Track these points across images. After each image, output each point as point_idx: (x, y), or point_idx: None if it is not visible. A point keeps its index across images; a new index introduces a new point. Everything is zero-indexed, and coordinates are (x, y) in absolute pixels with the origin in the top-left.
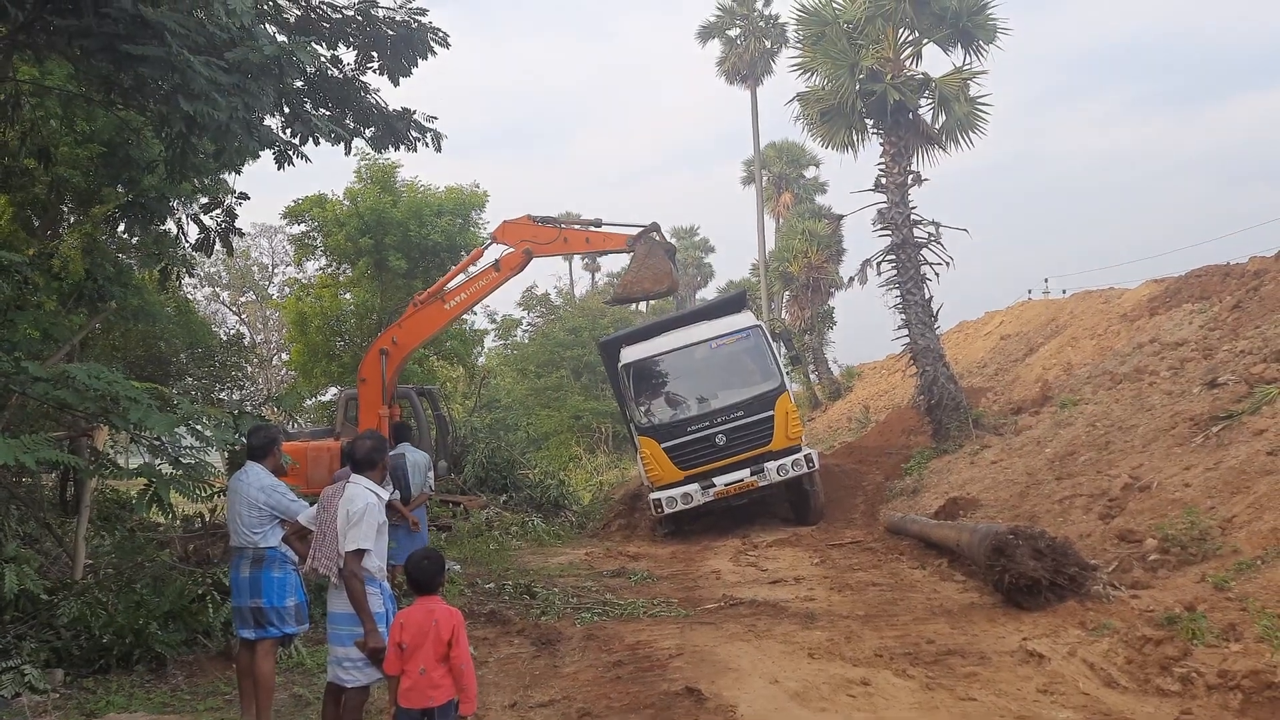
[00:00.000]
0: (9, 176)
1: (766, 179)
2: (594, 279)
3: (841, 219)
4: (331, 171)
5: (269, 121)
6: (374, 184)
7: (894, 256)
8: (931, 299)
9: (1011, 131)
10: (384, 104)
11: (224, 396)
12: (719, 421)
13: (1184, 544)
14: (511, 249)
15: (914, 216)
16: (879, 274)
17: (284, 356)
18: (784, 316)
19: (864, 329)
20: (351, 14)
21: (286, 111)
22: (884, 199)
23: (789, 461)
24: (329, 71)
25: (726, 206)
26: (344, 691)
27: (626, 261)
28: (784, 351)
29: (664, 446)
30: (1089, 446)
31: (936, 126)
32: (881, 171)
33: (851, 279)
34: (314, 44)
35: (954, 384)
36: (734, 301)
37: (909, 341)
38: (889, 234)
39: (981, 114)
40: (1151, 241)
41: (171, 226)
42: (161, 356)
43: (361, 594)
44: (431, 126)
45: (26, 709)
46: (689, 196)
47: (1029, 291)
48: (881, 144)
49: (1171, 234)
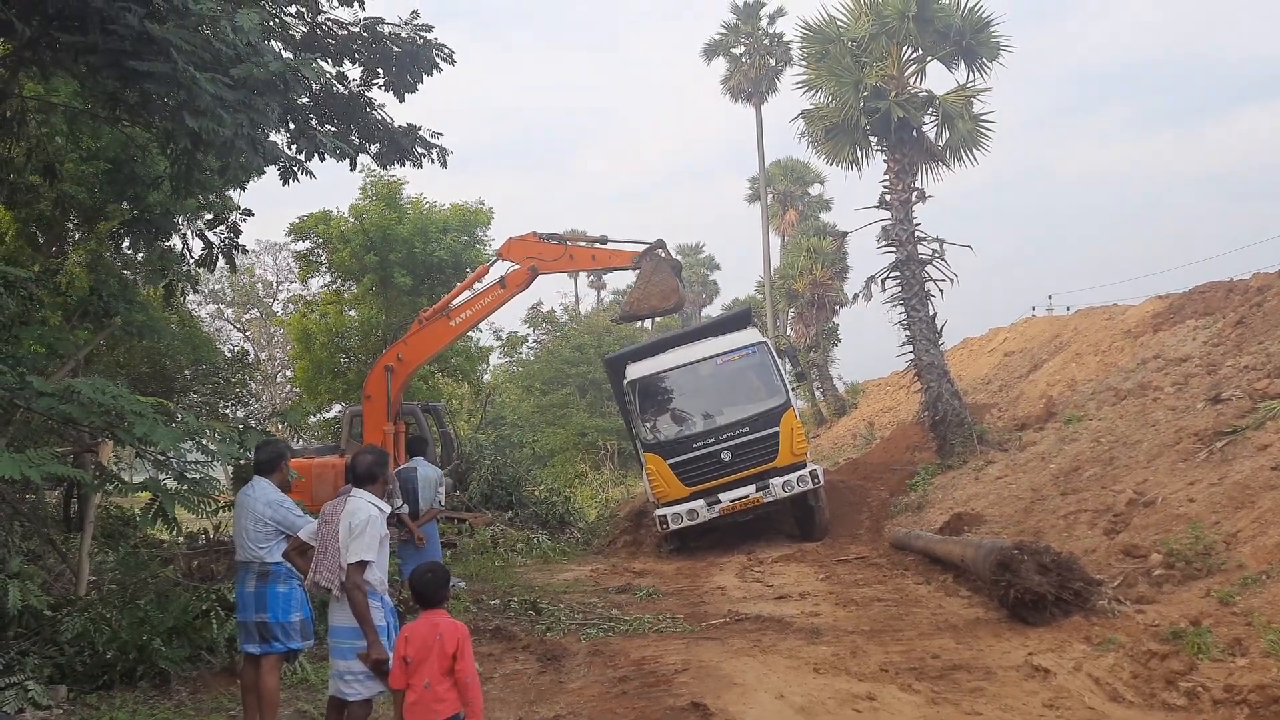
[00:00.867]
0: (14, 193)
1: (771, 196)
2: (599, 296)
3: (846, 236)
4: (337, 188)
5: (275, 137)
6: (379, 200)
7: (898, 273)
8: (936, 315)
9: (1015, 149)
10: (390, 120)
11: (228, 413)
12: (724, 438)
13: (1189, 559)
14: (517, 266)
15: (918, 233)
16: (884, 290)
17: (288, 373)
18: (789, 333)
19: (869, 346)
20: (357, 31)
21: (292, 128)
22: (888, 216)
23: (794, 478)
24: (334, 88)
25: (732, 224)
26: (346, 705)
27: (632, 279)
28: (789, 368)
29: (670, 463)
30: (1093, 462)
31: (940, 143)
32: (886, 188)
33: (856, 296)
34: (320, 60)
35: (958, 400)
36: (739, 318)
37: (913, 358)
38: (893, 251)
39: (985, 131)
40: (1154, 258)
41: (176, 242)
42: (166, 373)
43: (364, 605)
44: (437, 142)
45: None
46: (694, 214)
47: (1033, 308)
48: (886, 161)
49: (1174, 251)
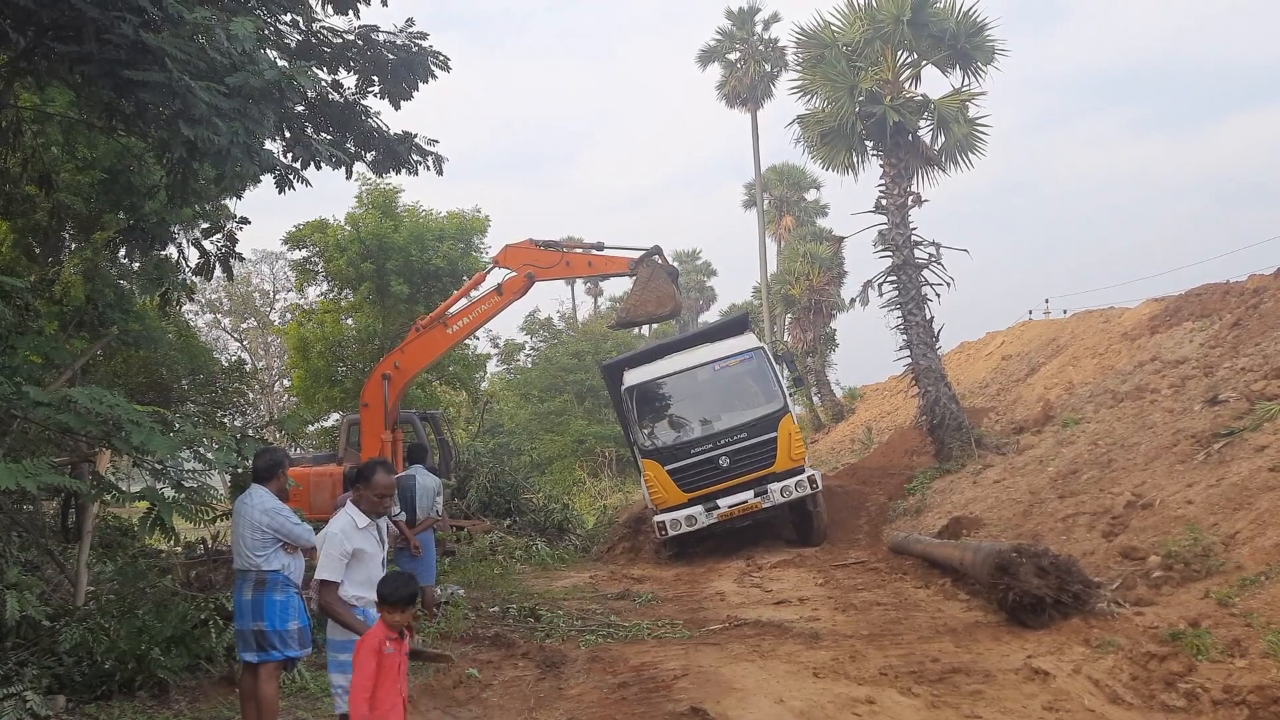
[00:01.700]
0: (10, 203)
1: (768, 202)
2: (596, 303)
3: (843, 241)
4: (333, 196)
5: (270, 146)
6: (375, 209)
7: (895, 278)
8: (933, 319)
9: (1012, 153)
10: (385, 128)
11: (226, 421)
12: (722, 444)
13: (1187, 560)
14: (514, 273)
15: (914, 237)
16: (880, 295)
17: (286, 382)
18: (786, 339)
19: (866, 350)
20: (352, 38)
21: (288, 136)
22: (884, 220)
23: (792, 483)
24: (330, 96)
25: (728, 229)
26: None
27: (629, 285)
28: (787, 373)
29: (668, 469)
30: (1091, 465)
31: (936, 148)
32: (882, 193)
33: (853, 300)
34: (315, 68)
35: (956, 404)
36: (736, 324)
37: (910, 362)
38: (890, 255)
39: (981, 135)
40: (1149, 261)
41: (172, 251)
42: (163, 382)
43: (343, 615)
44: (433, 150)
45: None
46: (691, 220)
47: (1030, 312)
48: (881, 165)
49: (1169, 254)
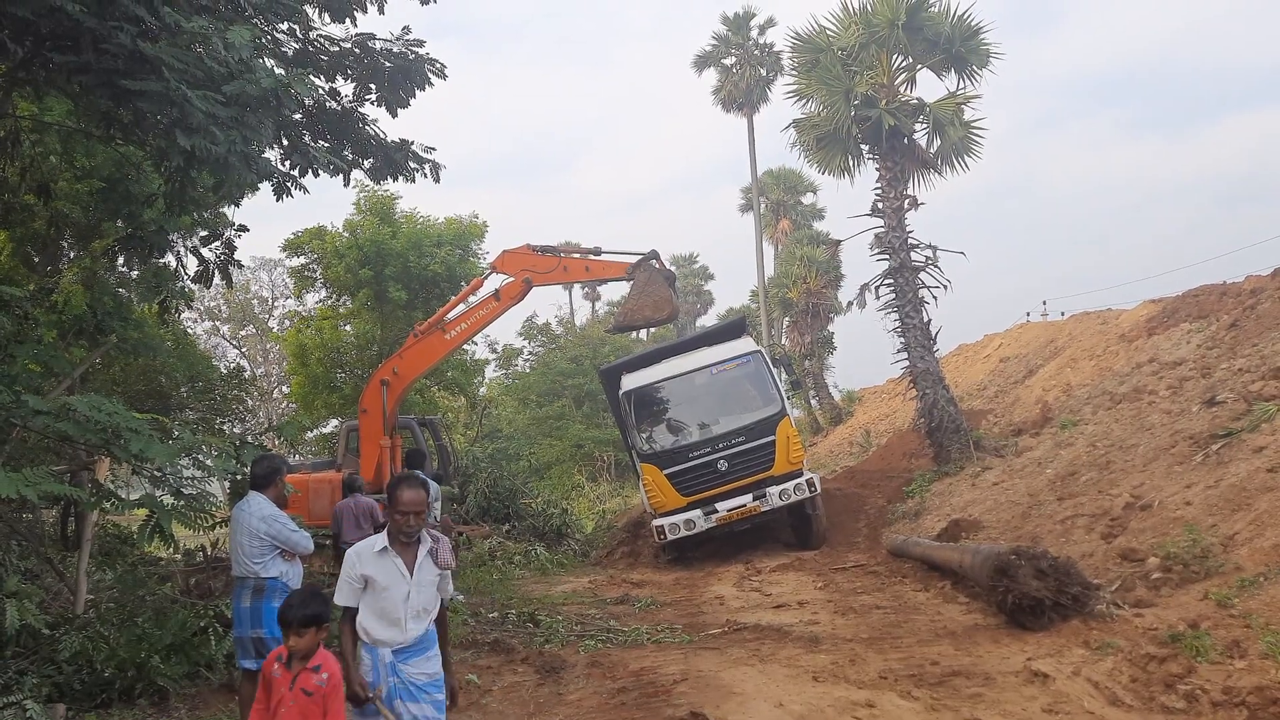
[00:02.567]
0: (9, 212)
1: (764, 206)
2: (594, 308)
3: (839, 244)
4: (332, 204)
5: (268, 154)
6: (373, 215)
7: (892, 280)
8: (930, 322)
9: (1007, 155)
10: (383, 135)
11: (225, 428)
12: (720, 447)
13: (1186, 562)
14: (511, 278)
15: (911, 240)
16: (877, 298)
17: (285, 389)
18: (784, 342)
19: (865, 353)
20: (349, 46)
21: (285, 144)
22: (881, 223)
23: (791, 486)
24: (328, 104)
25: (726, 233)
26: None
27: (627, 290)
28: (784, 376)
29: (666, 473)
30: (1090, 466)
31: (932, 151)
32: (878, 196)
33: (850, 303)
34: (313, 76)
35: (954, 406)
36: (734, 327)
37: (908, 365)
38: (886, 258)
39: (976, 138)
40: (1146, 263)
41: (170, 259)
42: (162, 390)
43: (343, 649)
44: (429, 157)
45: None
46: (688, 224)
47: (1027, 314)
48: (877, 169)
49: (1165, 255)
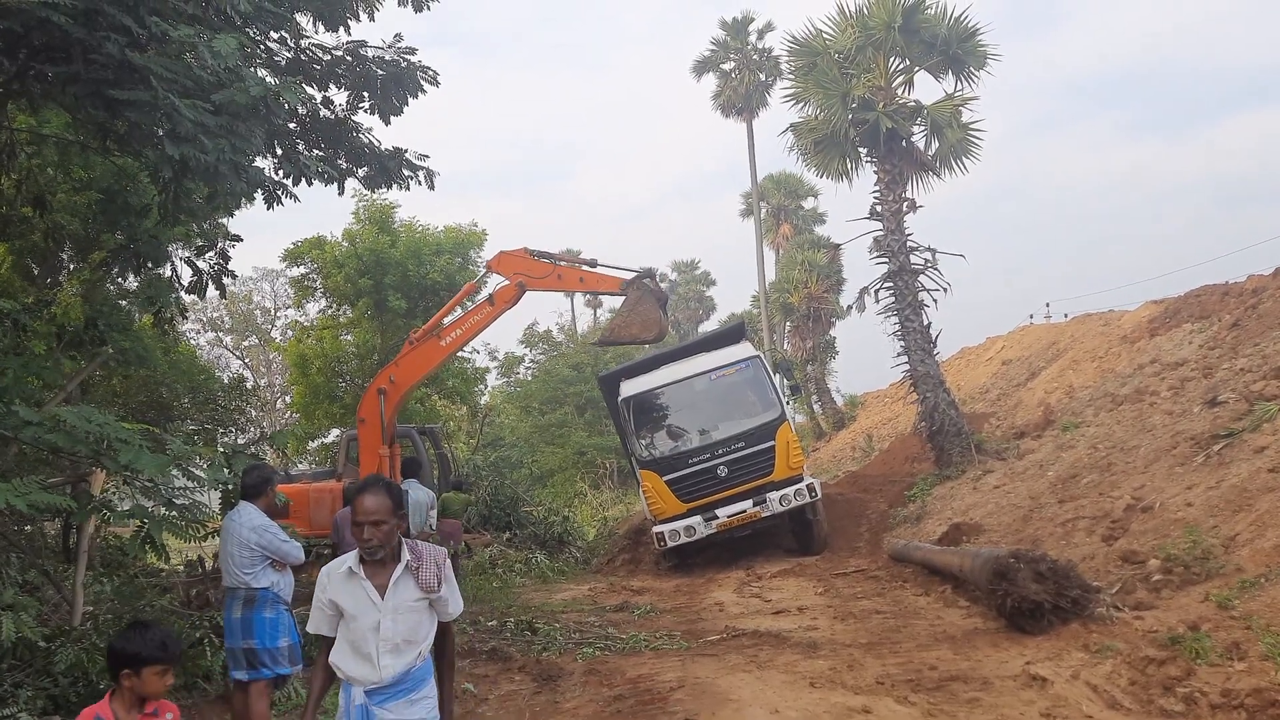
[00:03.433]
0: (7, 224)
1: (765, 211)
2: (596, 315)
3: (840, 248)
4: (333, 214)
5: (260, 163)
6: (372, 224)
7: (891, 283)
8: (930, 325)
9: (1004, 158)
10: (377, 143)
11: (227, 439)
12: (720, 453)
13: (1187, 563)
14: (506, 281)
15: (910, 243)
16: (877, 301)
17: (287, 399)
18: (786, 347)
19: (868, 358)
20: (341, 54)
21: (279, 153)
22: (880, 226)
23: (791, 491)
24: (320, 112)
25: (727, 239)
26: None
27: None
28: (784, 382)
29: (666, 479)
30: (1091, 469)
31: (930, 153)
32: (876, 199)
33: (850, 307)
34: (305, 85)
35: (955, 410)
36: (733, 333)
37: (909, 368)
38: (886, 261)
39: (975, 140)
40: (1148, 264)
41: (166, 270)
42: (163, 401)
43: (311, 682)
44: (424, 165)
45: None
46: (689, 229)
47: (1030, 316)
48: (876, 172)
49: (1167, 256)
